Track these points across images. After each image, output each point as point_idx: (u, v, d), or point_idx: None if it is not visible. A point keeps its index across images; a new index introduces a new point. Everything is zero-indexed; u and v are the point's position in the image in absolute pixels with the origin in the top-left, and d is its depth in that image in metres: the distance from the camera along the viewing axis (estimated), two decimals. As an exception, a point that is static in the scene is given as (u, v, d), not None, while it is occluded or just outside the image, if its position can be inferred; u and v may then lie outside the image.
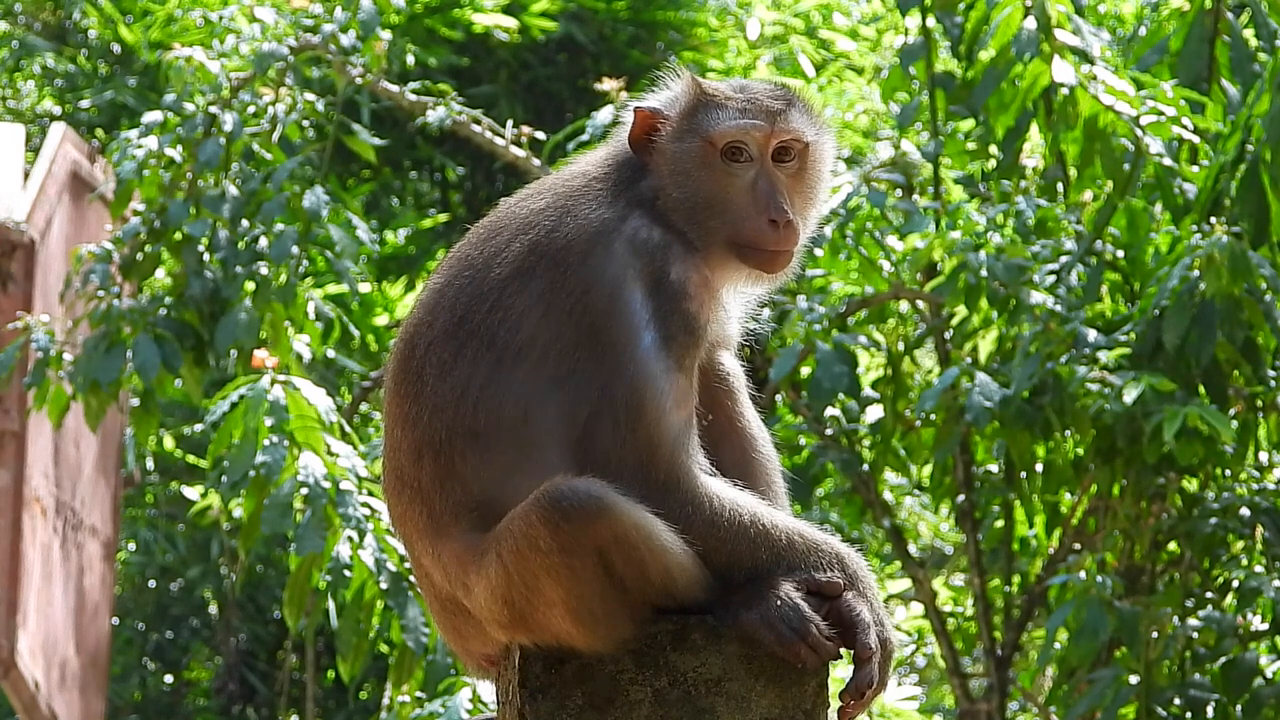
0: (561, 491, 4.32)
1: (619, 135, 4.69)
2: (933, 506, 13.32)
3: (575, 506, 4.31)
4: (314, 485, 8.20)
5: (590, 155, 4.73)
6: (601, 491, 4.32)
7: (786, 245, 4.56)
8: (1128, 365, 8.98)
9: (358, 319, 15.14)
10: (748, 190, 4.56)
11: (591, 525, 4.31)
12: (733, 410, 4.66)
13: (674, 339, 4.44)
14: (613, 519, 4.31)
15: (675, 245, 4.50)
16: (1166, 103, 9.23)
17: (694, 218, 4.55)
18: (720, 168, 4.56)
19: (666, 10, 17.93)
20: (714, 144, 4.56)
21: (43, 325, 10.16)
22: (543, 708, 4.40)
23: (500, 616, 4.44)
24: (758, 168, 4.57)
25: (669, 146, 4.58)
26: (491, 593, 4.43)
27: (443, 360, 4.48)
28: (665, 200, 4.56)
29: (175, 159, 10.26)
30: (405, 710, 8.22)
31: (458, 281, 4.54)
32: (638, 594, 4.38)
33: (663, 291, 4.46)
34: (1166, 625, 9.03)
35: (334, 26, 10.63)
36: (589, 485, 4.33)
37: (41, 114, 18.33)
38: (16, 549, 12.24)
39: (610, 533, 4.32)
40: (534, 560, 4.34)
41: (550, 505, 4.32)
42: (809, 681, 4.46)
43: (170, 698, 19.03)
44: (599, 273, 4.46)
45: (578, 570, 4.33)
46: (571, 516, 4.31)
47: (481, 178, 18.28)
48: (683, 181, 4.56)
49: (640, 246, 4.48)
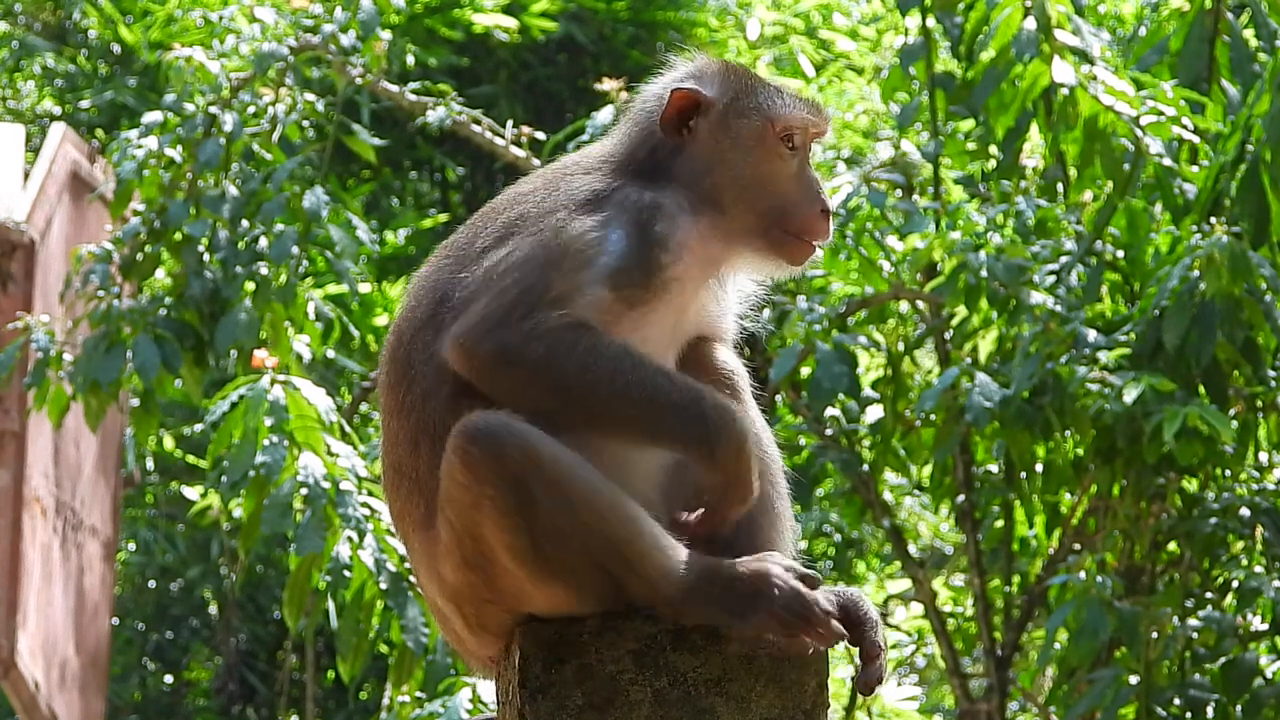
0: (470, 423, 4.31)
1: (625, 125, 4.66)
2: (933, 506, 13.31)
3: (483, 433, 4.30)
4: (314, 485, 8.20)
5: (584, 149, 4.73)
6: (509, 419, 4.31)
7: (828, 237, 4.59)
8: (1128, 365, 8.98)
9: (358, 319, 15.13)
10: (795, 177, 4.58)
11: (501, 449, 4.29)
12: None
13: (625, 270, 4.40)
14: (522, 442, 4.29)
15: (668, 206, 4.48)
16: (1166, 103, 9.23)
17: (742, 195, 4.54)
18: (773, 150, 4.57)
19: (666, 10, 17.94)
20: (774, 126, 4.56)
21: (43, 325, 10.16)
22: (543, 708, 4.40)
23: (469, 587, 4.41)
24: (800, 158, 4.60)
25: (720, 123, 4.57)
26: (453, 564, 4.41)
27: (428, 343, 4.46)
28: (706, 177, 4.54)
29: (175, 159, 10.27)
30: (405, 710, 8.22)
31: (440, 265, 4.55)
32: (574, 537, 4.31)
33: (641, 236, 4.43)
34: (1166, 625, 9.03)
35: (334, 27, 10.63)
36: (496, 415, 4.32)
37: (41, 114, 18.33)
38: (16, 549, 12.24)
39: (521, 455, 4.29)
40: (465, 503, 4.33)
41: (461, 439, 4.31)
42: (809, 682, 4.46)
43: (170, 698, 19.03)
44: (582, 220, 4.45)
45: (501, 503, 4.30)
46: (479, 442, 4.30)
47: (481, 178, 18.28)
48: (735, 158, 4.55)
49: (630, 205, 4.47)
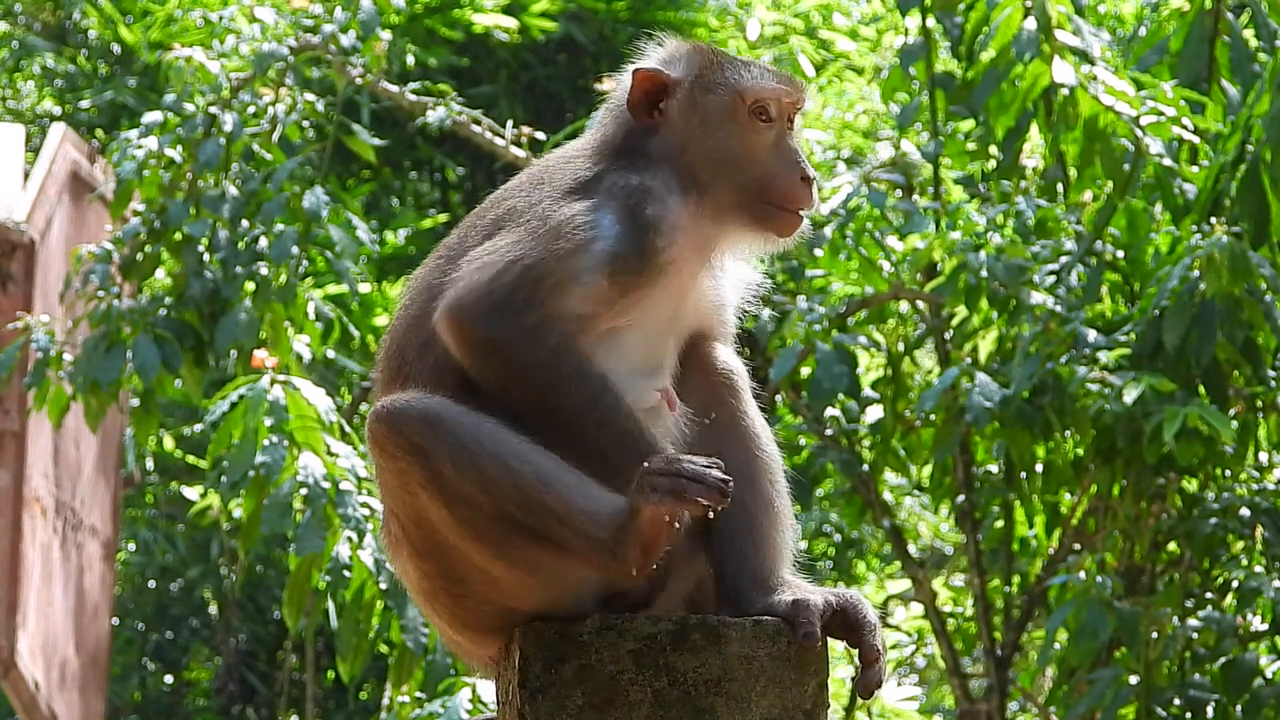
0: (376, 407, 4.38)
1: (603, 114, 4.67)
2: (933, 507, 13.31)
3: (387, 410, 4.34)
4: (314, 485, 8.21)
5: (567, 144, 4.74)
6: (413, 397, 4.35)
7: (812, 204, 4.57)
8: (1128, 365, 8.98)
9: (358, 319, 15.13)
10: (772, 148, 4.56)
11: (402, 422, 4.31)
12: (736, 408, 4.61)
13: (620, 256, 4.40)
14: (421, 411, 4.31)
15: (658, 189, 4.48)
16: (1166, 103, 9.24)
17: (719, 171, 4.54)
18: (746, 123, 4.56)
19: (666, 10, 17.92)
20: (744, 99, 4.56)
21: (43, 325, 10.16)
22: (543, 708, 4.40)
23: (431, 575, 4.42)
24: (777, 129, 4.59)
25: (689, 101, 4.58)
26: (412, 555, 4.43)
27: (422, 340, 4.47)
28: (682, 157, 4.54)
29: (175, 159, 10.27)
30: (405, 710, 8.22)
31: (433, 263, 4.56)
32: (498, 502, 4.29)
33: (633, 221, 4.43)
34: (1166, 625, 9.03)
35: (334, 27, 10.63)
36: (403, 395, 4.37)
37: (41, 114, 18.33)
38: (16, 549, 12.24)
39: (423, 424, 4.30)
40: (391, 486, 4.37)
41: (370, 421, 4.37)
42: (809, 682, 4.46)
43: (170, 698, 19.03)
44: (572, 207, 4.45)
45: (417, 475, 4.31)
46: (383, 419, 4.34)
47: (481, 178, 18.27)
48: (707, 135, 4.55)
49: (619, 191, 4.47)
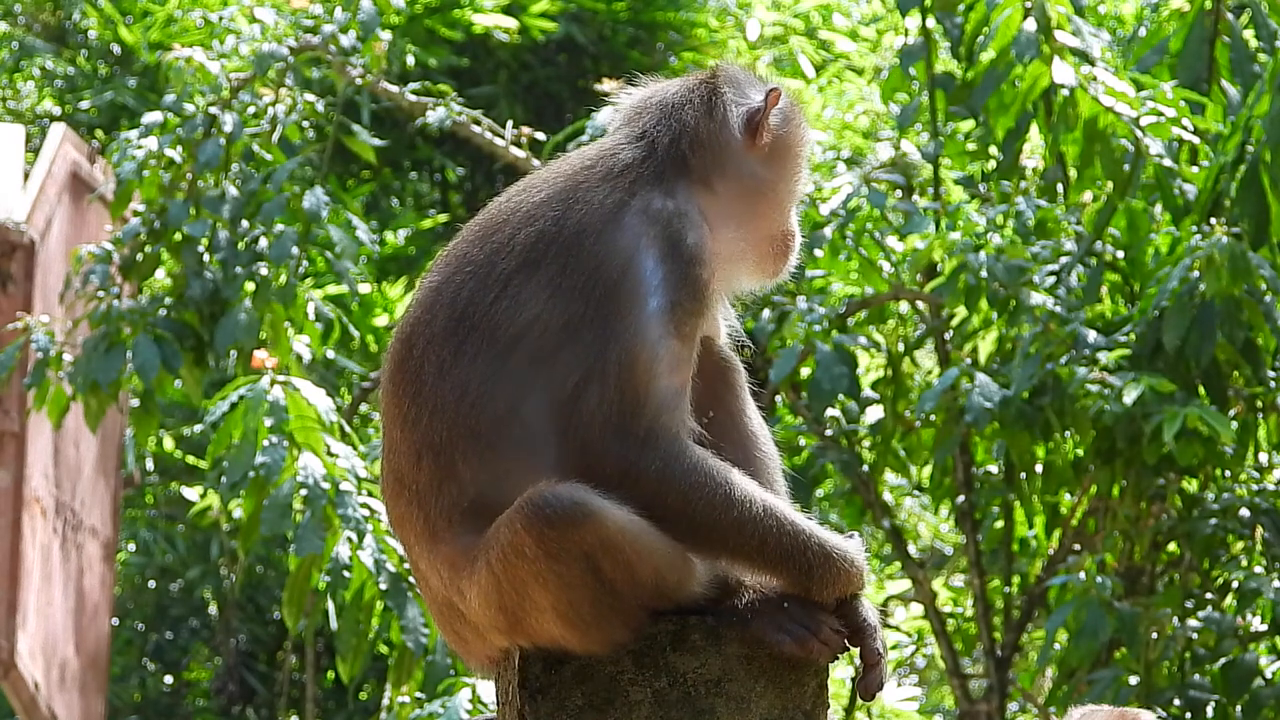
0: (545, 498, 4.28)
1: (647, 121, 4.62)
2: (932, 507, 13.32)
3: (558, 513, 4.27)
4: (313, 486, 8.20)
5: (581, 150, 4.70)
6: (585, 496, 4.28)
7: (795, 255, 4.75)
8: (1128, 366, 8.98)
9: (357, 320, 15.13)
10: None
11: (576, 531, 4.27)
12: (734, 407, 4.62)
13: (679, 304, 4.41)
14: (597, 523, 4.28)
15: (692, 214, 4.49)
16: (1166, 103, 9.24)
17: (768, 208, 4.65)
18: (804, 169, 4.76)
19: (666, 11, 17.93)
20: (808, 147, 4.75)
21: (43, 326, 10.16)
22: (543, 708, 4.40)
23: (495, 622, 4.43)
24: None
25: (790, 134, 4.68)
26: (484, 599, 4.41)
27: (442, 359, 4.42)
28: (734, 184, 4.61)
29: (175, 159, 10.27)
30: (405, 711, 8.22)
31: (457, 278, 4.48)
32: (629, 596, 4.35)
33: (677, 255, 4.44)
34: (1166, 626, 9.04)
35: (334, 27, 10.63)
36: (572, 490, 4.29)
37: (41, 115, 18.31)
38: (16, 549, 12.23)
39: (595, 537, 4.28)
40: (521, 568, 4.32)
41: (533, 512, 4.28)
42: (809, 682, 4.46)
43: (170, 698, 19.02)
44: (611, 246, 4.43)
45: (565, 576, 4.30)
46: (555, 523, 4.27)
47: (481, 178, 18.27)
48: (784, 171, 4.67)
49: (654, 216, 4.46)
